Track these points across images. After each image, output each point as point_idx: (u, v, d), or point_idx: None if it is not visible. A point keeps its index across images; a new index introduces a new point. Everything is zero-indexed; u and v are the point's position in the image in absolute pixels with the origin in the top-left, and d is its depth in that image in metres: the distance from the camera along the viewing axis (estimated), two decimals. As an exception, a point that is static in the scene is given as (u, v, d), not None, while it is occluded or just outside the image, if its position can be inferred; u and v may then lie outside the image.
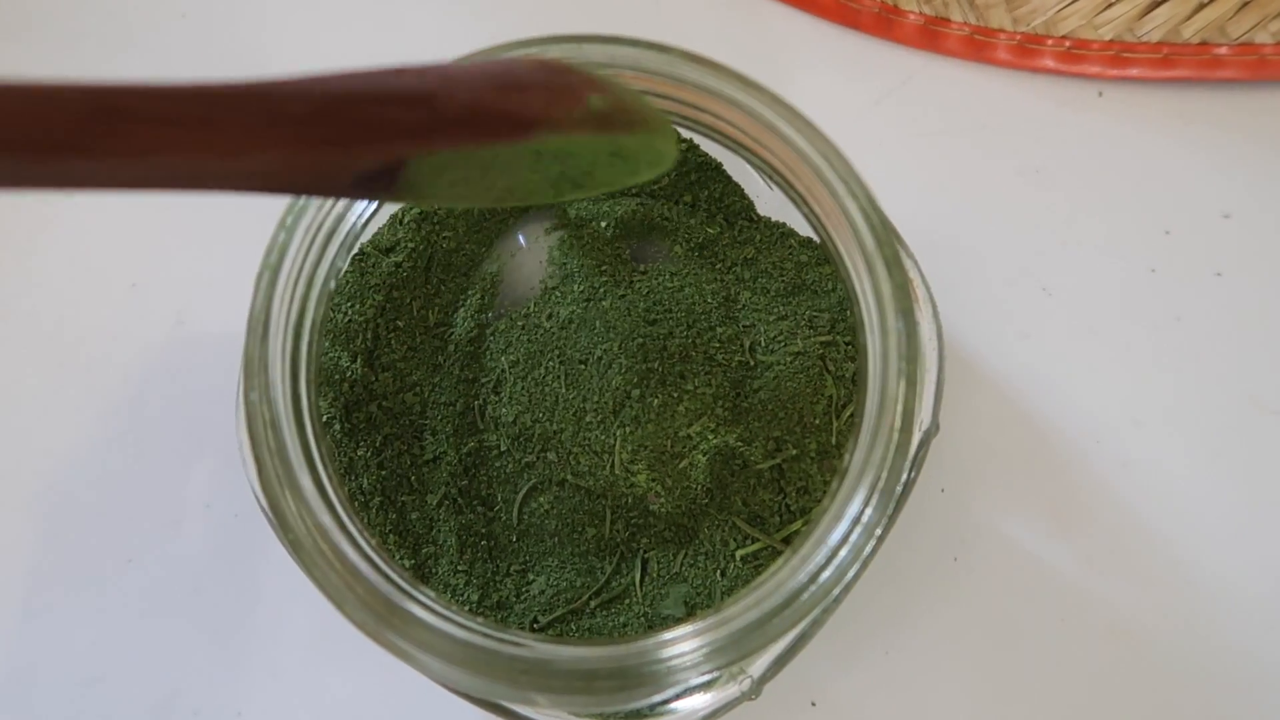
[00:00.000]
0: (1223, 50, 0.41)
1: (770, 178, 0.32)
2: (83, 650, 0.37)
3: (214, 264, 0.41)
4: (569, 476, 0.33)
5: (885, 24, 0.43)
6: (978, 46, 0.42)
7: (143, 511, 0.38)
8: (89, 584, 0.38)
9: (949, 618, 0.37)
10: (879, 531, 0.27)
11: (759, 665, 0.31)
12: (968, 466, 0.38)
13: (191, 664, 0.37)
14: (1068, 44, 0.42)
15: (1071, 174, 0.42)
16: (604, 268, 0.35)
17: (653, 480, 0.33)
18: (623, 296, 0.35)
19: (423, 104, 0.21)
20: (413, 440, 0.34)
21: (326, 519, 0.27)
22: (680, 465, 0.33)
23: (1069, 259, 0.41)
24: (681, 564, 0.33)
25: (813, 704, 0.36)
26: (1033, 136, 0.42)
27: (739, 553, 0.32)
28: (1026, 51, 0.42)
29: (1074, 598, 0.37)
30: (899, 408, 0.27)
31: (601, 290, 0.35)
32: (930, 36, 0.42)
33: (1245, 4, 0.41)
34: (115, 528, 0.38)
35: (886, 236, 0.28)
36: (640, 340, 0.34)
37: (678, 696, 0.30)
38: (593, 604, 0.33)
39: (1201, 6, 0.41)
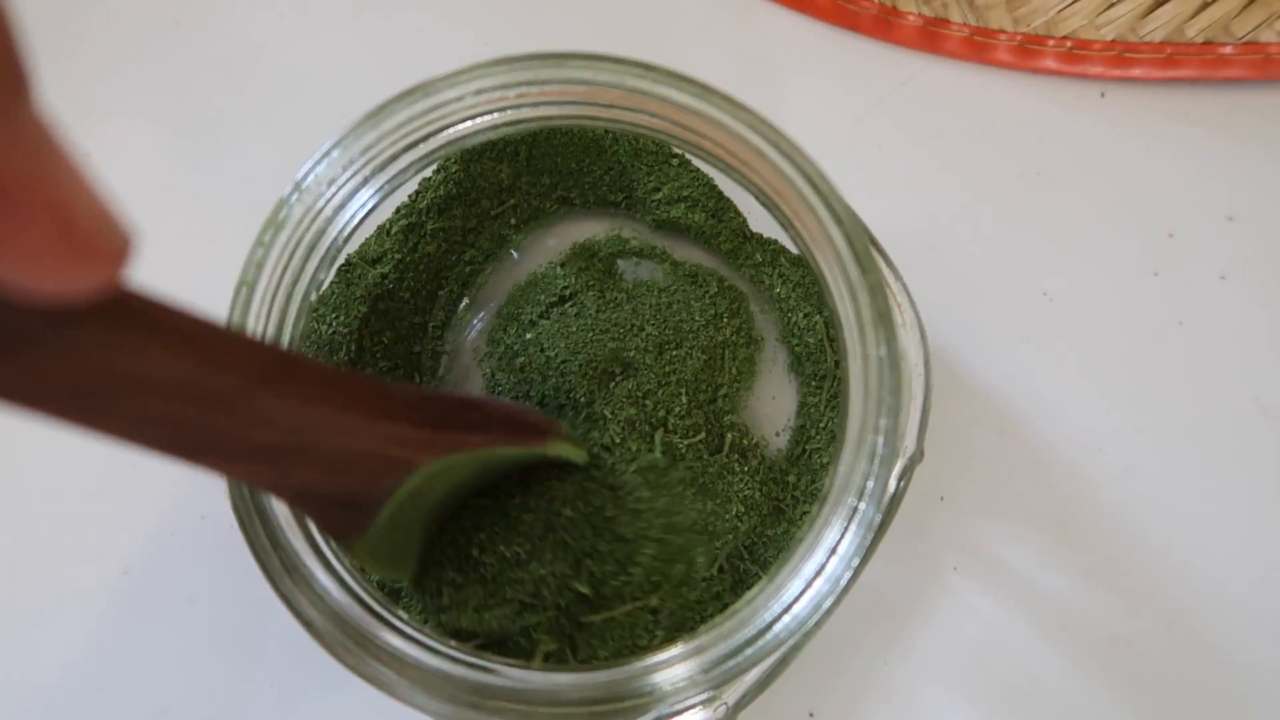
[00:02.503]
0: (1227, 49, 0.40)
1: (757, 198, 0.32)
2: (78, 660, 0.37)
3: (213, 275, 0.41)
4: None
5: (884, 25, 0.42)
6: (978, 48, 0.42)
7: (140, 521, 0.38)
8: (85, 594, 0.38)
9: (949, 627, 0.37)
10: (855, 562, 0.27)
11: (734, 693, 0.31)
12: (968, 473, 0.38)
13: (186, 675, 0.37)
14: (1069, 44, 0.41)
15: (1073, 176, 0.41)
16: (596, 284, 0.35)
17: None
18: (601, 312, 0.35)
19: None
20: None
21: (298, 542, 0.27)
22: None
23: (1070, 262, 0.40)
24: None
25: (810, 715, 0.36)
26: (1034, 138, 0.42)
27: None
28: (1027, 52, 0.41)
29: (1076, 605, 0.37)
30: (879, 437, 0.27)
31: (591, 305, 0.35)
32: (930, 38, 0.42)
33: (1250, 2, 0.40)
34: (112, 537, 0.38)
35: (870, 264, 0.28)
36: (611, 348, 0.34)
37: (654, 722, 0.30)
38: None
39: (1205, 5, 0.40)
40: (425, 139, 0.30)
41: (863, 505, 0.27)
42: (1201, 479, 0.38)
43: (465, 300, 0.36)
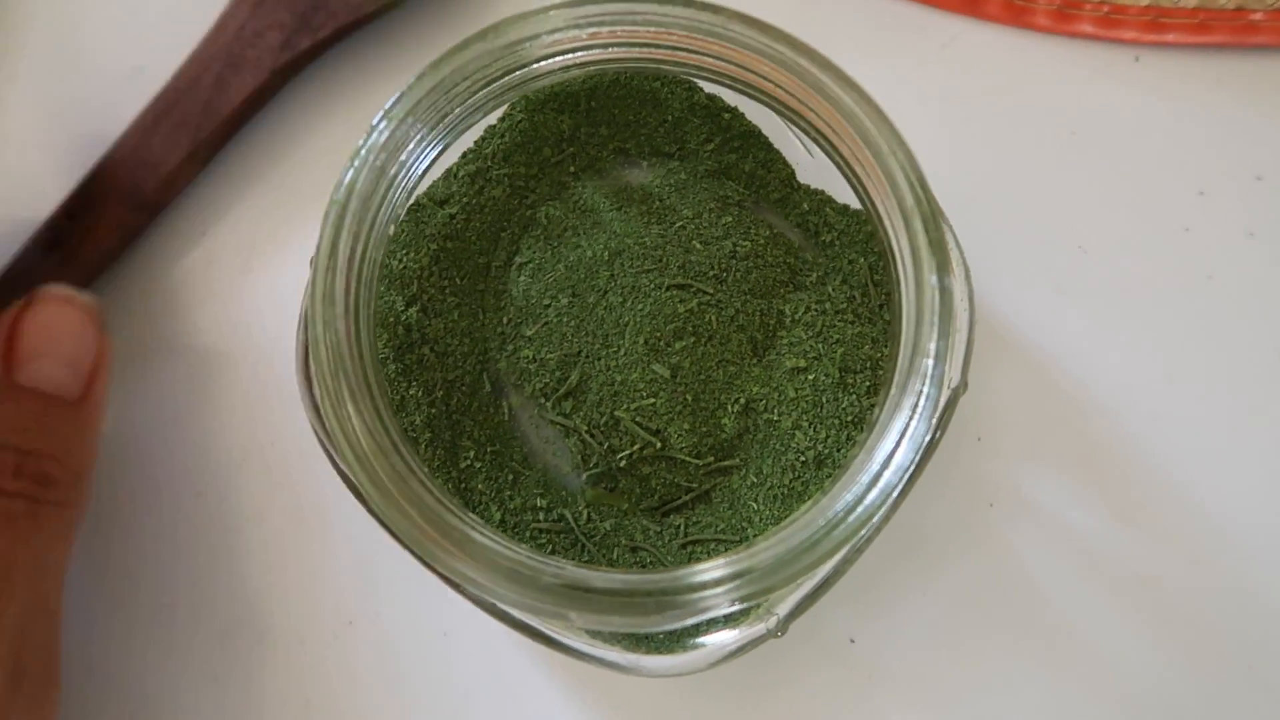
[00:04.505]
0: (1258, 16, 0.42)
1: (814, 139, 0.33)
2: (154, 578, 0.39)
3: (279, 219, 0.42)
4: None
5: (927, -11, 0.44)
6: (1017, 11, 0.43)
7: (211, 449, 0.40)
8: (160, 515, 0.40)
9: (985, 561, 0.38)
10: (906, 475, 0.28)
11: (786, 605, 0.32)
12: (1003, 415, 0.40)
13: (256, 592, 0.39)
14: (1105, 9, 0.43)
15: (1108, 137, 0.43)
16: (636, 213, 0.37)
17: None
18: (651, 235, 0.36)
19: None
20: (462, 382, 0.36)
21: (385, 443, 0.29)
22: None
23: (1105, 218, 0.42)
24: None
25: (851, 641, 0.38)
26: (1070, 100, 0.43)
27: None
28: (1065, 16, 0.43)
29: (1106, 545, 0.38)
30: (930, 360, 0.29)
31: (634, 230, 0.37)
32: (970, 2, 0.43)
33: (1281, -30, 0.41)
34: (185, 464, 0.40)
35: (925, 195, 0.29)
36: (670, 296, 0.36)
37: (707, 629, 0.32)
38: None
39: (1238, -28, 0.42)
40: (499, 78, 0.32)
41: (915, 423, 0.28)
42: (1228, 426, 0.40)
43: (531, 236, 0.38)
